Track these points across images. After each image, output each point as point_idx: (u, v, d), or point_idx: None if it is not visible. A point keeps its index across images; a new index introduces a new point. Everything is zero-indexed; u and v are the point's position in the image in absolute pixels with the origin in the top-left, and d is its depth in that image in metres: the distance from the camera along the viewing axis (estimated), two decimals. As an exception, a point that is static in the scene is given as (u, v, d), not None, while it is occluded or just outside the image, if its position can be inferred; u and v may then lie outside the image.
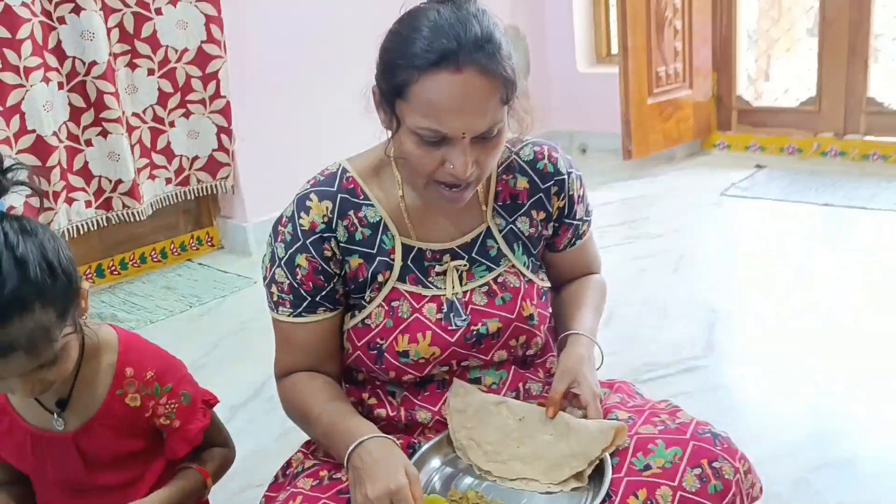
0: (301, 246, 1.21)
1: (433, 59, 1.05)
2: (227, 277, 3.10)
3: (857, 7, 3.66)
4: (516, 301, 1.26)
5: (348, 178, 1.24)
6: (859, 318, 2.28)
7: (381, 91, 1.14)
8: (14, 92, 2.57)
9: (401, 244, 1.24)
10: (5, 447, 1.25)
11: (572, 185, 1.31)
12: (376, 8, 3.43)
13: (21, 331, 1.00)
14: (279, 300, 1.24)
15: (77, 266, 1.11)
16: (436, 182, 1.13)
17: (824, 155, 3.89)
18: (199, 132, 3.15)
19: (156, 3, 2.90)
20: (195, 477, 1.28)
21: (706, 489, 1.05)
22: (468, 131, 1.08)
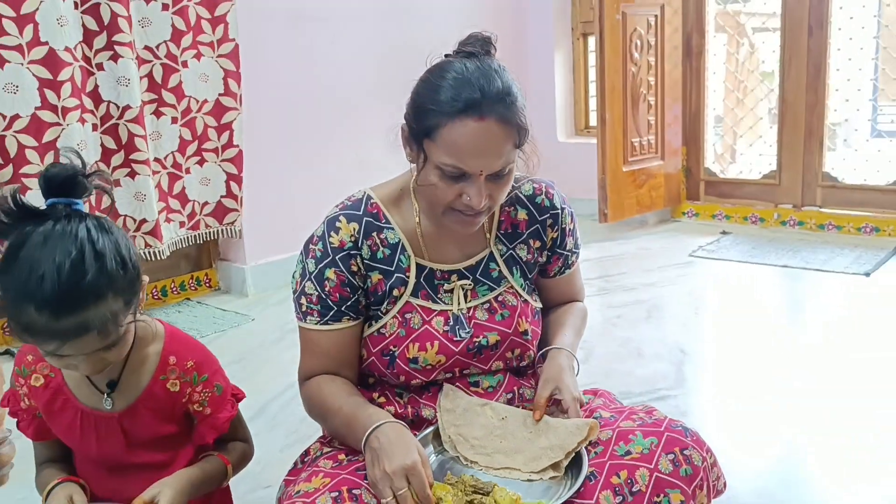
0: (331, 261, 1.35)
1: (460, 108, 1.21)
2: (227, 315, 3.23)
3: (813, 91, 4.01)
4: (514, 318, 1.41)
5: (372, 203, 1.39)
6: (814, 361, 2.49)
7: (410, 130, 1.30)
8: (50, 129, 2.70)
9: (415, 264, 1.38)
10: (57, 423, 1.35)
11: (565, 219, 1.47)
12: (378, 75, 3.74)
13: (96, 315, 1.11)
14: (308, 310, 1.37)
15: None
16: (452, 210, 1.28)
17: (784, 224, 4.18)
18: (211, 179, 3.29)
19: (183, 57, 3.07)
20: (218, 463, 1.38)
21: (678, 472, 1.20)
22: (485, 170, 1.23)
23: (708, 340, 2.74)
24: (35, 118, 2.67)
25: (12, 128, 2.63)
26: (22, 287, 1.09)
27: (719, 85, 4.72)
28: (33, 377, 1.34)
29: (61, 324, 1.09)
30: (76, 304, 1.09)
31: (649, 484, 1.18)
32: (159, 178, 3.14)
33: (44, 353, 1.17)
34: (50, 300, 1.08)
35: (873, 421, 2.04)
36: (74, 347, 1.13)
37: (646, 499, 1.18)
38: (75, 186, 1.18)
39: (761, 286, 3.33)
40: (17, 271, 1.10)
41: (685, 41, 4.34)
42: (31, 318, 1.09)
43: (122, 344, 1.21)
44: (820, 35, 3.95)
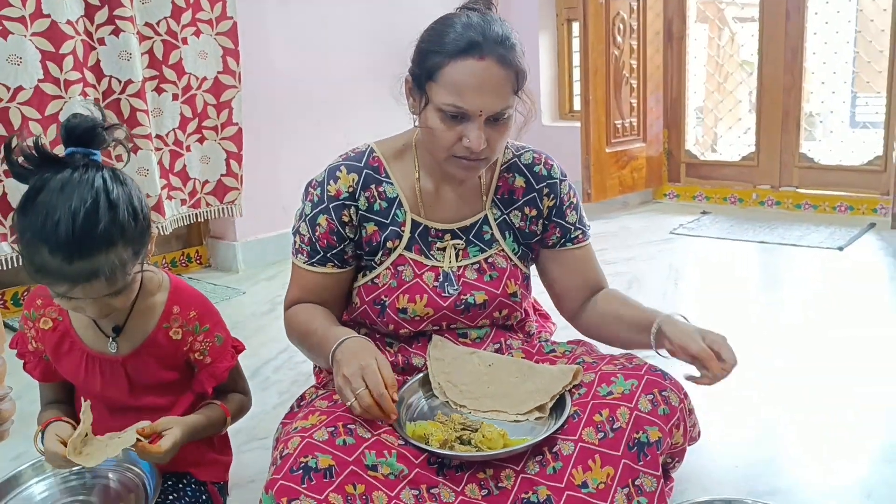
0: (324, 209, 1.42)
1: (462, 47, 1.27)
2: (217, 289, 3.29)
3: (790, 75, 4.12)
4: (502, 279, 1.46)
5: (374, 157, 1.45)
6: (788, 334, 2.57)
7: (413, 76, 1.35)
8: (53, 102, 2.71)
9: (411, 219, 1.44)
10: (64, 365, 1.42)
11: (563, 189, 1.49)
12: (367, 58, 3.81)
13: (105, 262, 1.17)
14: (299, 248, 1.46)
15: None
16: (453, 157, 1.33)
17: (762, 204, 4.29)
18: (211, 157, 3.31)
19: (182, 34, 3.08)
20: (218, 411, 1.44)
21: (656, 411, 1.26)
22: (485, 110, 1.27)
23: (686, 309, 2.81)
24: (38, 90, 2.68)
25: (16, 99, 2.65)
26: (38, 230, 1.14)
27: (700, 69, 4.81)
28: (42, 320, 1.40)
29: (73, 267, 1.15)
30: (88, 250, 1.15)
31: (629, 421, 1.25)
32: (161, 155, 3.15)
33: (54, 294, 1.22)
34: (63, 244, 1.13)
35: (852, 398, 2.06)
36: (83, 291, 1.19)
37: (626, 434, 1.24)
38: (94, 137, 1.24)
39: (739, 260, 3.43)
40: (34, 215, 1.15)
41: (666, 26, 4.43)
42: (45, 259, 1.15)
43: (128, 291, 1.26)
44: (797, 19, 4.05)
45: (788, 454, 1.83)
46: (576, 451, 1.25)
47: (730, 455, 1.82)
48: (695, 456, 1.64)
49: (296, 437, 1.19)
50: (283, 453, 1.18)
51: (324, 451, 1.16)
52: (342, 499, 1.13)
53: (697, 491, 1.64)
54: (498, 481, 1.26)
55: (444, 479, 1.23)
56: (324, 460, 1.15)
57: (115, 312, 1.34)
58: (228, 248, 3.57)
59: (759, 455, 1.82)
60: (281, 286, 3.26)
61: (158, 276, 1.42)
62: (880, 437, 1.88)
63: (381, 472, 1.19)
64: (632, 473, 1.24)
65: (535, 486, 1.25)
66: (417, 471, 1.22)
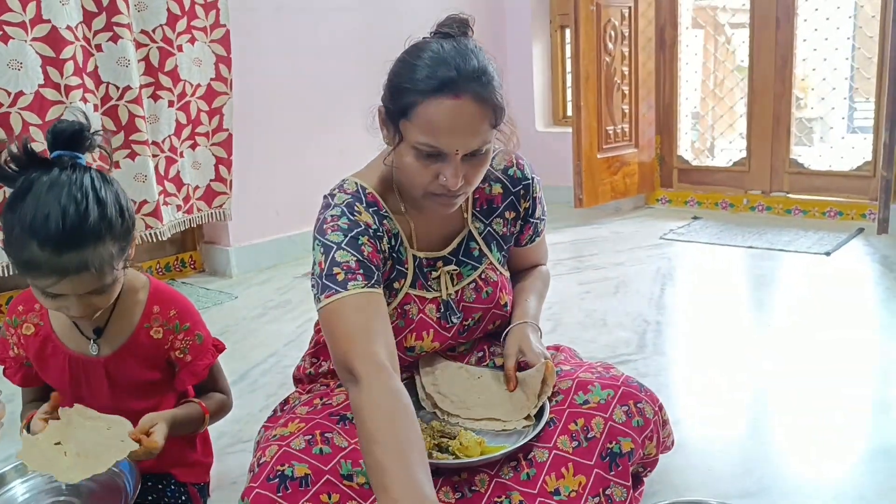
0: (363, 230, 1.30)
1: (435, 86, 1.19)
2: (210, 293, 3.32)
3: (781, 81, 4.14)
4: (496, 293, 1.47)
5: (368, 193, 1.36)
6: (774, 337, 2.60)
7: (386, 111, 1.29)
8: (53, 108, 2.72)
9: (412, 255, 1.40)
10: (47, 369, 1.45)
11: (535, 188, 1.50)
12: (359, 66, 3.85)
13: (94, 255, 1.21)
14: (348, 277, 1.22)
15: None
16: (430, 193, 1.28)
17: (753, 209, 4.31)
18: (202, 163, 3.34)
19: (178, 41, 3.11)
20: (197, 409, 1.47)
21: (631, 422, 1.30)
22: (461, 149, 1.22)
23: (672, 313, 2.86)
24: (38, 95, 2.70)
25: (17, 104, 2.66)
26: (28, 225, 1.18)
27: (694, 77, 4.84)
28: (24, 326, 1.43)
29: (62, 259, 1.19)
30: (78, 243, 1.19)
31: (603, 431, 1.28)
32: (157, 161, 3.17)
33: (38, 291, 1.25)
34: (53, 237, 1.18)
35: (840, 400, 2.07)
36: (71, 285, 1.22)
37: (599, 444, 1.27)
38: (80, 141, 1.28)
39: (727, 265, 3.46)
40: (23, 211, 1.20)
41: (658, 33, 4.46)
42: (34, 254, 1.19)
43: (111, 291, 1.30)
44: (787, 27, 4.08)
45: (777, 455, 1.85)
46: (549, 459, 1.28)
47: (718, 456, 1.84)
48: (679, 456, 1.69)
49: (273, 444, 1.21)
50: (261, 461, 1.20)
51: (300, 460, 1.18)
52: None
53: (681, 491, 1.66)
54: (472, 485, 1.28)
55: None
56: (300, 469, 1.17)
57: (97, 314, 1.36)
58: (222, 253, 3.60)
59: (748, 456, 1.85)
60: (273, 290, 3.31)
61: (138, 277, 1.45)
62: (868, 439, 1.91)
63: (356, 482, 1.20)
64: (603, 483, 1.27)
65: (508, 490, 1.27)
66: None
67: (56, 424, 1.30)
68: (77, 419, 1.31)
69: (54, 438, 1.28)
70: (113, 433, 1.30)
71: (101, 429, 1.30)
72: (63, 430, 1.29)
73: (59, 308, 1.29)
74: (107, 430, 1.30)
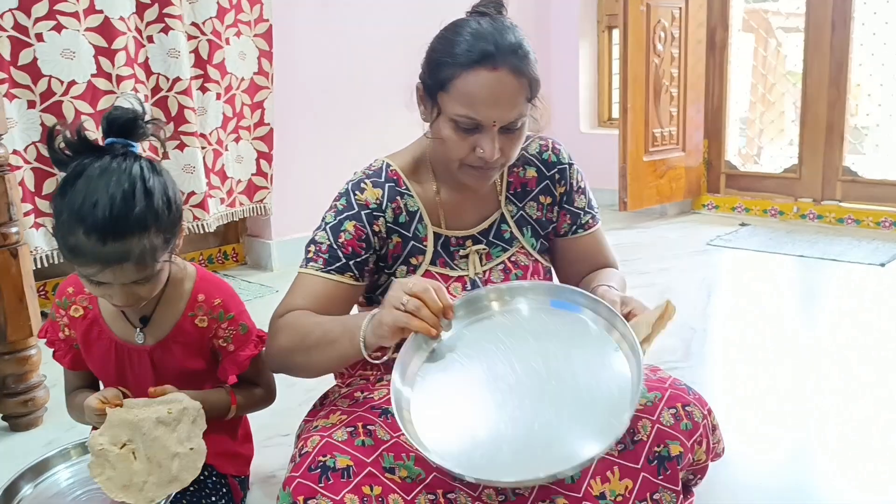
0: (353, 215, 1.35)
1: (474, 59, 1.24)
2: (251, 286, 3.34)
3: (835, 87, 4.04)
4: (526, 277, 1.43)
5: (392, 170, 1.41)
6: (826, 350, 2.51)
7: (425, 86, 1.33)
8: (105, 97, 2.75)
9: (433, 233, 1.41)
10: (93, 353, 1.45)
11: (573, 174, 1.49)
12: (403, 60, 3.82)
13: (137, 245, 1.21)
14: (313, 257, 1.34)
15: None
16: (466, 166, 1.31)
17: (803, 218, 4.21)
18: (244, 157, 3.36)
19: (226, 34, 3.13)
20: (224, 396, 1.46)
21: (679, 425, 1.25)
22: (498, 120, 1.25)
23: (719, 321, 2.79)
24: (90, 85, 2.73)
25: (69, 93, 2.69)
26: (76, 211, 1.19)
27: (744, 80, 4.75)
28: (72, 308, 1.44)
29: (105, 249, 1.18)
30: (122, 233, 1.19)
31: (650, 434, 1.24)
32: (205, 153, 3.19)
33: (83, 277, 1.25)
34: (99, 226, 1.17)
35: (892, 419, 2.00)
36: (113, 274, 1.22)
37: (646, 447, 1.23)
38: (134, 129, 1.28)
39: (776, 274, 3.37)
40: (72, 197, 1.20)
41: (709, 35, 4.38)
42: (80, 240, 1.19)
43: (155, 281, 1.29)
44: (843, 31, 3.97)
45: (829, 477, 1.77)
46: (595, 462, 1.23)
47: (759, 472, 1.78)
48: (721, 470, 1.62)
49: (315, 435, 1.20)
50: (303, 451, 1.18)
51: (342, 451, 1.16)
52: (358, 499, 1.13)
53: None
54: (515, 488, 1.25)
55: (460, 484, 1.23)
56: (342, 460, 1.15)
57: (142, 304, 1.36)
58: (263, 247, 3.62)
59: (798, 476, 1.78)
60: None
61: (185, 267, 1.45)
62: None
63: (398, 475, 1.18)
64: (651, 487, 1.23)
65: (552, 494, 1.23)
66: (435, 475, 1.22)
67: (117, 415, 1.29)
68: (140, 418, 1.30)
69: (119, 436, 1.27)
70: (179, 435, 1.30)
71: (168, 434, 1.30)
72: (126, 422, 1.28)
73: (103, 295, 1.29)
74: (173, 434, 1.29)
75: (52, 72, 2.65)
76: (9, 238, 1.89)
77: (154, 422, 1.28)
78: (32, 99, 2.64)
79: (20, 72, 2.61)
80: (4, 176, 1.88)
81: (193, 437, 1.29)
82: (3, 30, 2.56)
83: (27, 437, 2.01)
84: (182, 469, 1.27)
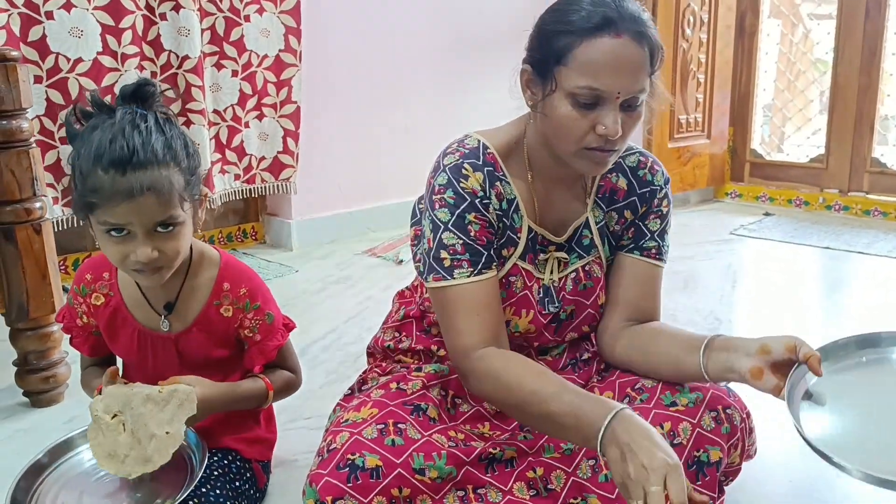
0: (469, 205, 1.24)
1: (597, 23, 1.14)
2: (271, 265, 3.32)
3: (867, 75, 3.96)
4: (595, 290, 1.35)
5: (489, 153, 1.28)
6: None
7: (535, 63, 1.22)
8: (109, 74, 2.77)
9: (527, 225, 1.31)
10: (117, 340, 1.43)
11: (662, 199, 1.37)
12: (431, 43, 3.80)
13: (159, 177, 1.19)
14: (454, 263, 1.23)
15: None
16: (584, 149, 1.19)
17: (829, 209, 4.15)
18: (269, 134, 3.35)
19: (245, 11, 3.11)
20: (261, 385, 1.44)
21: (719, 429, 1.22)
22: (623, 91, 1.15)
23: (744, 312, 2.76)
24: (96, 62, 2.75)
25: (75, 70, 2.72)
26: (93, 152, 1.18)
27: (771, 66, 4.66)
28: (93, 296, 1.41)
29: (126, 178, 1.16)
30: (142, 162, 1.18)
31: (690, 438, 1.21)
32: (217, 129, 3.19)
33: (103, 232, 1.21)
34: (117, 158, 1.16)
35: None
36: (135, 211, 1.18)
37: (686, 451, 1.20)
38: (144, 95, 1.26)
39: (802, 265, 3.32)
40: (88, 143, 1.19)
41: (738, 20, 4.30)
42: (99, 178, 1.17)
43: (178, 234, 1.24)
44: (877, 17, 3.89)
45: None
46: None
47: (799, 469, 1.75)
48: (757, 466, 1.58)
49: (345, 431, 1.17)
50: (331, 447, 1.16)
51: (371, 451, 1.14)
52: (386, 501, 1.12)
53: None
54: (547, 482, 1.23)
55: (491, 478, 1.21)
56: (371, 460, 1.13)
57: (167, 288, 1.35)
58: (283, 226, 3.60)
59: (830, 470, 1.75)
60: (334, 266, 3.29)
61: (209, 251, 1.42)
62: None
63: (428, 476, 1.16)
64: None
65: (585, 492, 1.22)
66: (466, 469, 1.20)
67: (115, 385, 1.30)
68: (133, 392, 1.29)
69: (111, 406, 1.27)
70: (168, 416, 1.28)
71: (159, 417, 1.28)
72: (120, 393, 1.28)
73: (125, 256, 1.23)
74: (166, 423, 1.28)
75: (59, 49, 2.69)
76: (32, 213, 1.88)
77: (143, 398, 1.26)
78: (39, 74, 2.68)
79: (29, 48, 2.63)
80: (29, 151, 1.86)
81: (175, 422, 1.26)
82: (14, 6, 2.58)
83: (49, 413, 2.00)
84: (155, 451, 1.24)
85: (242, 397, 1.41)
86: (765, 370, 1.17)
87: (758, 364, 1.17)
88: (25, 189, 1.86)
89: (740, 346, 1.20)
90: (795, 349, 1.16)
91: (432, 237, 1.25)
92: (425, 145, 4.22)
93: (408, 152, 3.79)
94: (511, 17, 3.94)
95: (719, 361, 1.21)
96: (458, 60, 3.87)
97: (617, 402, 1.11)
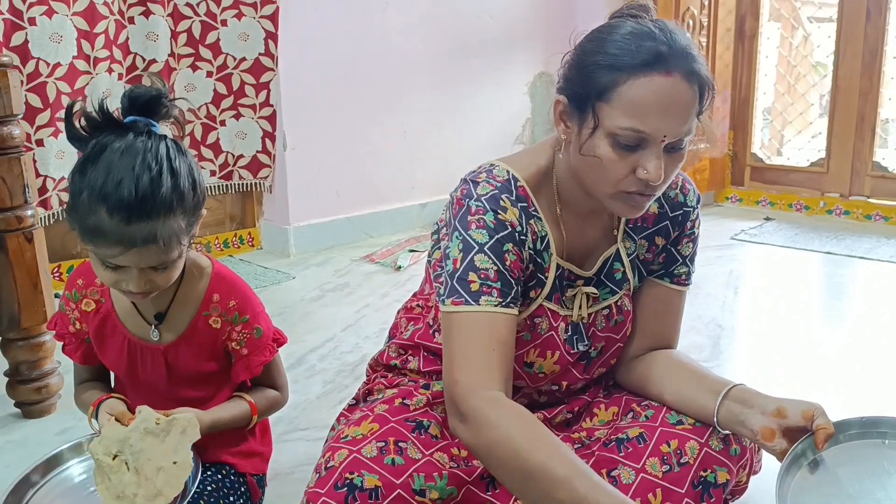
0: (509, 234, 1.15)
1: (645, 60, 1.04)
2: (268, 272, 3.29)
3: (868, 78, 3.93)
4: (625, 323, 1.29)
5: (520, 186, 1.19)
6: (857, 350, 2.44)
7: (573, 97, 1.12)
8: (82, 77, 2.85)
9: (556, 264, 1.23)
10: (106, 348, 1.40)
11: (694, 221, 1.30)
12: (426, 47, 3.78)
13: (163, 227, 1.16)
14: (483, 289, 1.12)
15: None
16: (621, 192, 1.12)
17: (830, 213, 4.12)
18: (247, 133, 3.44)
19: (222, 16, 3.24)
20: (245, 408, 1.40)
21: (728, 450, 1.20)
22: (669, 135, 1.06)
23: (747, 318, 2.73)
24: (72, 66, 2.83)
25: (54, 75, 2.79)
26: (99, 189, 1.13)
27: (771, 70, 4.64)
28: (84, 302, 1.38)
29: (130, 229, 1.13)
30: (148, 213, 1.14)
31: (698, 457, 1.18)
32: (192, 127, 3.33)
33: (98, 262, 1.20)
34: (124, 205, 1.12)
35: None
36: (136, 256, 1.16)
37: (692, 471, 1.17)
38: (157, 108, 1.23)
39: (803, 271, 3.30)
40: (94, 174, 1.14)
41: (738, 24, 4.28)
42: (102, 220, 1.13)
43: (173, 268, 1.24)
44: (878, 19, 3.87)
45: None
46: (637, 481, 1.17)
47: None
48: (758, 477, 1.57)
49: (344, 448, 1.13)
50: (329, 465, 1.12)
51: (370, 470, 1.10)
52: None
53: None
54: None
55: (492, 496, 1.18)
56: (370, 479, 1.09)
57: (158, 298, 1.32)
58: (280, 232, 3.57)
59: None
60: (331, 273, 3.26)
61: (201, 261, 1.39)
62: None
63: (428, 497, 1.12)
64: None
65: None
66: (467, 488, 1.16)
67: (110, 428, 1.25)
68: (129, 430, 1.25)
69: (110, 448, 1.23)
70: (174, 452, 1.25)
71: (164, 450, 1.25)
72: (115, 436, 1.24)
73: (116, 282, 1.22)
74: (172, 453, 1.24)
75: (40, 54, 2.75)
76: (24, 221, 1.84)
77: (142, 433, 1.23)
78: (20, 79, 2.70)
79: (11, 53, 2.66)
80: (20, 158, 1.83)
81: (180, 450, 1.23)
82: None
83: (40, 424, 1.97)
84: (165, 483, 1.21)
85: (225, 424, 1.37)
86: (776, 433, 1.13)
87: (770, 426, 1.13)
88: (17, 196, 1.83)
89: (757, 402, 1.16)
90: (812, 417, 1.11)
91: (461, 258, 1.13)
92: (423, 150, 4.23)
93: (405, 158, 3.77)
94: (509, 22, 3.93)
95: (733, 413, 1.17)
96: (456, 66, 3.86)
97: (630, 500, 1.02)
